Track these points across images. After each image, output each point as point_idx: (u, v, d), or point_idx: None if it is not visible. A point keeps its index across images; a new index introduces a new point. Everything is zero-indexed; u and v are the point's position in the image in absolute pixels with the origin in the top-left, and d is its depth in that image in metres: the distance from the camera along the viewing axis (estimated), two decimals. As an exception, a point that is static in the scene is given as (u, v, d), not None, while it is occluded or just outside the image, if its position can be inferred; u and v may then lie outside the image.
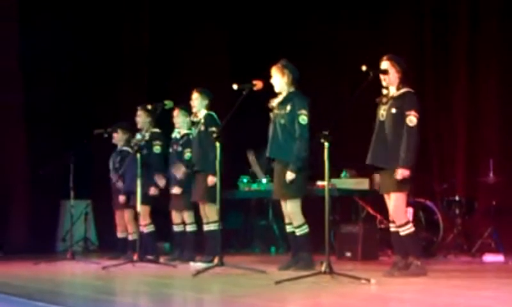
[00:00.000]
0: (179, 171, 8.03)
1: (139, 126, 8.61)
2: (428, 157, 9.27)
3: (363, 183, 8.54)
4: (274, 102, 6.95)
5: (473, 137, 9.37)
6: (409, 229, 6.11)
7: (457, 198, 8.59)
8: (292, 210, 6.83)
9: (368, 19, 10.45)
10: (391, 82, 6.20)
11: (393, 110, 6.11)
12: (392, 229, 6.27)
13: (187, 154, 8.17)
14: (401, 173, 6.02)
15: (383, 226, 8.48)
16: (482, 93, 9.36)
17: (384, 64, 6.20)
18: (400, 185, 6.08)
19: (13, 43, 10.59)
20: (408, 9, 10.11)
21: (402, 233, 6.12)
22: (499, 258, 7.91)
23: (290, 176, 6.71)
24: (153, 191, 8.34)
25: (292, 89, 6.89)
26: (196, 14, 11.65)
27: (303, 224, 6.81)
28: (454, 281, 6.04)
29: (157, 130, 8.56)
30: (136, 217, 8.37)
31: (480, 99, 9.38)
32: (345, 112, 6.08)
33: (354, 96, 5.80)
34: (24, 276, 7.14)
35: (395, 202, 6.12)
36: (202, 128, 7.83)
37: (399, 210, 6.14)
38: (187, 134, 8.28)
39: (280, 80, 6.89)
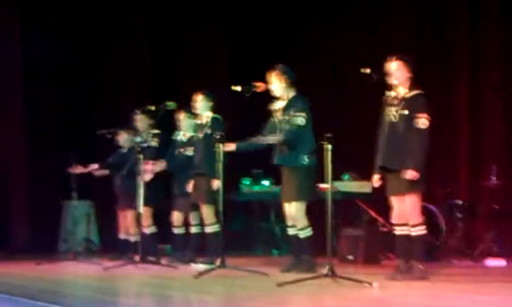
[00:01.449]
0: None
1: (140, 130, 8.58)
2: (431, 161, 9.23)
3: (365, 186, 8.51)
4: (276, 106, 6.97)
5: (476, 140, 9.34)
6: (421, 230, 6.15)
7: (459, 202, 8.57)
8: (297, 212, 6.83)
9: (370, 21, 10.43)
10: (400, 82, 6.18)
11: (406, 112, 6.10)
12: (397, 232, 6.26)
13: None
14: (411, 174, 6.02)
15: (385, 229, 8.47)
16: (486, 97, 9.33)
17: (394, 65, 6.18)
18: (414, 187, 6.09)
19: (15, 44, 10.60)
20: (409, 11, 10.08)
21: (413, 233, 6.13)
22: (501, 262, 7.88)
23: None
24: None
25: (292, 93, 6.92)
26: (197, 17, 11.64)
27: (307, 227, 6.81)
28: (457, 285, 6.03)
29: (157, 131, 8.54)
30: (138, 218, 8.36)
31: (483, 103, 9.35)
32: (348, 115, 6.06)
33: (358, 99, 5.81)
34: (26, 276, 7.15)
35: (410, 203, 6.14)
36: (209, 131, 7.77)
37: (414, 211, 6.16)
38: (194, 137, 8.22)
39: (278, 85, 6.90)
